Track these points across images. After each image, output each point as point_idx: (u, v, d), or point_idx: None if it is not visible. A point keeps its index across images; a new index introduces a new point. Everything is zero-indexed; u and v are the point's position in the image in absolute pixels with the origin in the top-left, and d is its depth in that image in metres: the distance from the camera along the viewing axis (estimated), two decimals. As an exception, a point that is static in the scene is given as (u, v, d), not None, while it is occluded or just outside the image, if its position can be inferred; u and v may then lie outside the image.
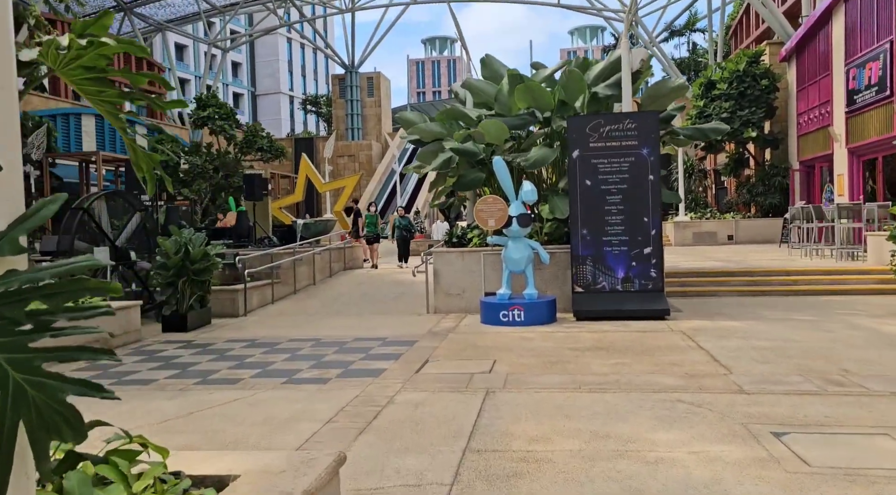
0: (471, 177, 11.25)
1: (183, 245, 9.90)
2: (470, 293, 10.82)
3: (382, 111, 49.01)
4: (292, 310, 11.94)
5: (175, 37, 64.01)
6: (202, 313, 10.25)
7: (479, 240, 11.02)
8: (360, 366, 7.08)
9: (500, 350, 7.66)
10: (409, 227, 18.53)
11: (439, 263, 10.91)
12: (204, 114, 24.85)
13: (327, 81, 75.66)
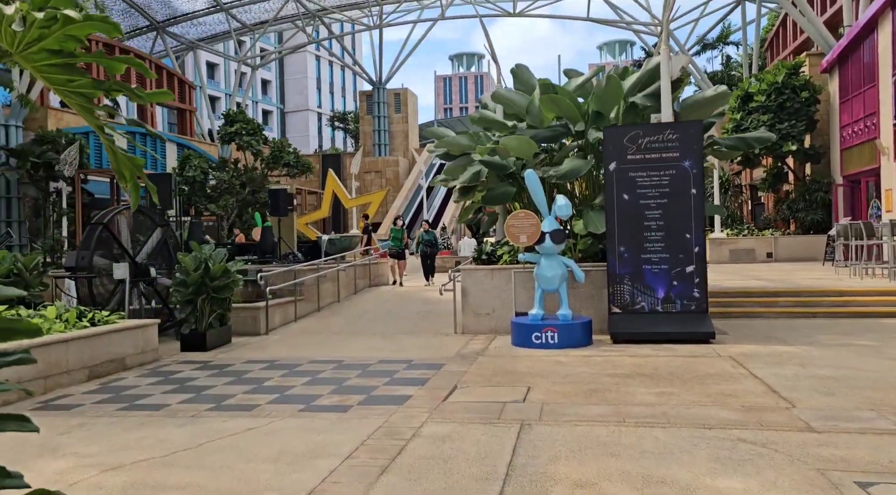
0: (500, 191, 10.78)
1: (203, 261, 9.57)
2: (500, 313, 10.31)
3: (409, 127, 48.94)
4: (315, 328, 11.53)
5: (207, 55, 64.99)
6: (222, 332, 9.88)
7: (509, 257, 10.52)
8: (384, 391, 6.60)
9: (534, 375, 7.13)
10: (433, 242, 17.48)
11: (467, 281, 10.43)
12: (231, 129, 24.83)
13: (355, 98, 76.14)
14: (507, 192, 10.78)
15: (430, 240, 17.40)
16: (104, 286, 9.74)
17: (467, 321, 10.45)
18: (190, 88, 42.94)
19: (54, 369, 6.99)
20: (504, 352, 8.73)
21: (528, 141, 9.91)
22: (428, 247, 17.26)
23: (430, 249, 17.36)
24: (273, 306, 11.44)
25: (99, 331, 7.69)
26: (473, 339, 9.86)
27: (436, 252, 17.75)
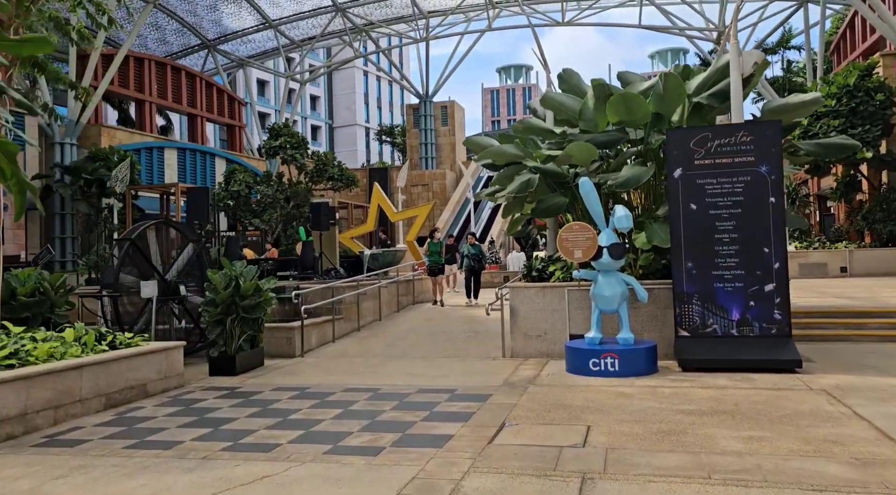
0: (552, 202, 9.90)
1: (233, 279, 8.97)
2: (552, 335, 9.40)
3: (457, 140, 48.35)
4: (353, 350, 10.82)
5: (257, 73, 66.08)
6: (253, 354, 9.25)
7: (562, 273, 9.62)
8: (422, 429, 5.79)
9: (594, 411, 6.21)
10: (479, 257, 15.66)
11: (517, 300, 9.57)
12: (276, 143, 24.62)
13: (402, 112, 76.24)
14: (559, 204, 9.90)
15: (476, 253, 15.65)
16: (133, 305, 9.24)
17: (516, 344, 9.58)
18: (239, 105, 43.39)
19: (66, 398, 6.43)
20: (558, 380, 7.82)
21: (590, 147, 9.02)
22: (473, 261, 15.56)
23: (476, 264, 15.59)
24: (309, 326, 10.79)
25: (118, 355, 7.12)
26: (523, 365, 8.97)
27: (482, 267, 15.96)
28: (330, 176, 25.14)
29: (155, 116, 36.69)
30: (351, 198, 43.85)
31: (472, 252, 15.53)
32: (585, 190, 8.31)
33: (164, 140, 35.97)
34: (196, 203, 12.75)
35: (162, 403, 7.18)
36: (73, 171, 26.55)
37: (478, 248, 15.81)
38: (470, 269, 15.53)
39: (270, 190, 24.20)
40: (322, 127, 76.79)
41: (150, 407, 7.03)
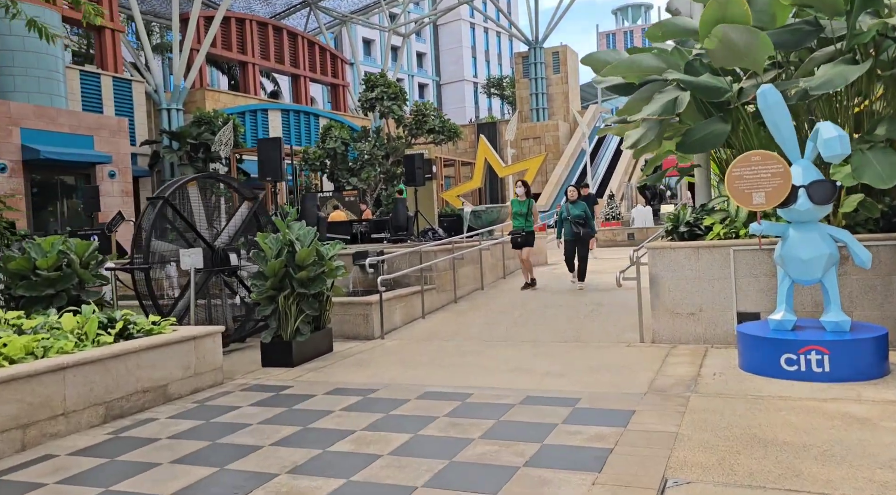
0: (708, 131, 7.15)
1: (286, 245, 7.04)
2: (711, 313, 6.80)
3: (570, 88, 44.77)
4: (445, 330, 8.70)
5: (362, 31, 64.88)
6: (317, 339, 7.35)
7: (724, 228, 6.92)
8: (523, 487, 3.53)
9: (818, 456, 3.69)
10: (583, 219, 10.74)
11: (659, 266, 7.01)
12: (372, 95, 22.71)
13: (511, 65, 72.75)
14: (717, 132, 7.12)
15: (580, 215, 10.71)
16: (168, 280, 7.60)
17: (660, 324, 7.05)
18: (343, 63, 42.06)
19: (41, 412, 4.73)
20: (732, 385, 5.28)
21: (763, 37, 6.19)
22: (576, 226, 10.68)
23: (580, 231, 10.68)
24: (391, 300, 8.77)
25: (122, 349, 5.36)
26: (672, 355, 6.46)
27: (590, 235, 10.98)
28: (430, 128, 23.01)
29: (258, 78, 36.06)
30: (459, 155, 41.78)
31: (573, 213, 10.76)
32: (769, 102, 5.55)
33: (268, 102, 35.30)
34: (266, 157, 11.02)
35: (180, 413, 5.37)
36: (179, 137, 26.17)
37: (581, 207, 10.83)
38: (573, 240, 10.85)
39: (368, 146, 22.45)
40: (429, 84, 74.77)
41: (162, 419, 5.23)
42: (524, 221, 10.86)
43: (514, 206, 11.07)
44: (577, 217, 10.71)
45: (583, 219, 10.73)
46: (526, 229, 10.83)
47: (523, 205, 10.98)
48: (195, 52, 29.16)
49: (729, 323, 6.72)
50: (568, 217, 10.78)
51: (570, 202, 10.98)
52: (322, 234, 11.25)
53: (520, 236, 10.88)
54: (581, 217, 10.73)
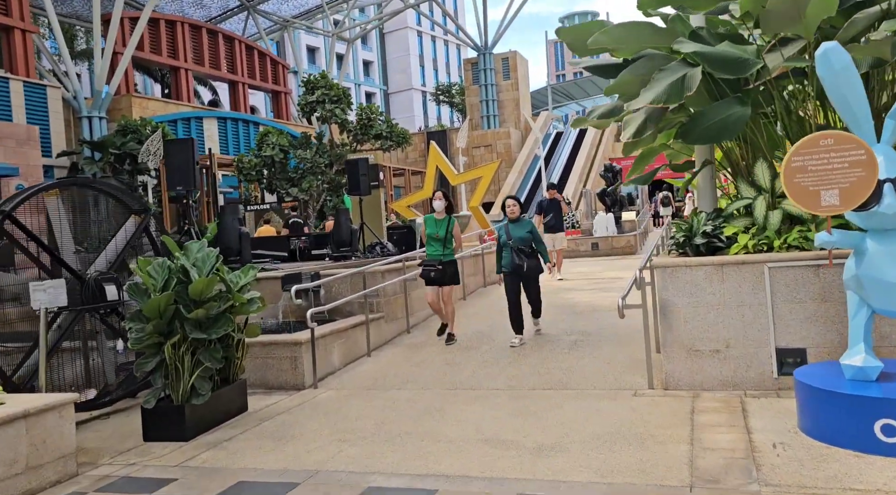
0: (723, 115, 5.61)
1: (177, 273, 5.17)
2: (741, 350, 5.22)
3: (521, 95, 43.63)
4: (396, 372, 6.90)
5: (306, 39, 62.73)
6: (223, 397, 5.48)
7: (753, 240, 5.37)
8: None
9: None
10: (526, 247, 7.51)
11: (671, 289, 5.40)
12: (312, 98, 20.82)
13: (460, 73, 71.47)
14: (735, 117, 5.58)
15: (523, 239, 7.52)
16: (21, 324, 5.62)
17: (674, 365, 5.43)
18: (284, 69, 39.92)
19: None
20: (810, 466, 3.66)
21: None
22: (519, 255, 7.46)
23: (526, 261, 7.47)
24: (327, 336, 6.94)
25: None
26: (700, 409, 4.83)
27: (537, 269, 7.65)
28: (377, 133, 21.24)
29: (192, 84, 33.67)
30: (409, 164, 40.10)
31: (514, 236, 7.54)
32: (834, 67, 4.00)
33: (202, 109, 32.87)
34: (176, 162, 9.09)
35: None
36: (101, 146, 23.69)
37: (527, 227, 7.65)
38: (514, 274, 7.53)
39: (309, 153, 20.54)
40: (377, 93, 72.92)
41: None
42: (441, 248, 7.71)
43: (427, 226, 7.83)
44: (520, 241, 7.46)
45: (528, 245, 7.48)
46: (444, 258, 7.69)
47: (440, 224, 7.75)
48: (120, 55, 26.74)
49: (765, 362, 5.16)
50: (508, 241, 7.51)
51: (511, 220, 7.67)
52: (246, 254, 9.34)
53: (434, 269, 7.61)
54: (525, 241, 7.48)
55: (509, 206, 7.81)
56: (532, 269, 7.51)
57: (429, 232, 7.81)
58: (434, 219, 7.90)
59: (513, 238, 7.54)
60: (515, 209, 7.77)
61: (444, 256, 7.72)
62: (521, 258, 7.42)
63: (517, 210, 7.79)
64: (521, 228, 7.61)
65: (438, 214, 7.87)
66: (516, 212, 7.77)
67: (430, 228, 7.81)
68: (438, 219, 7.86)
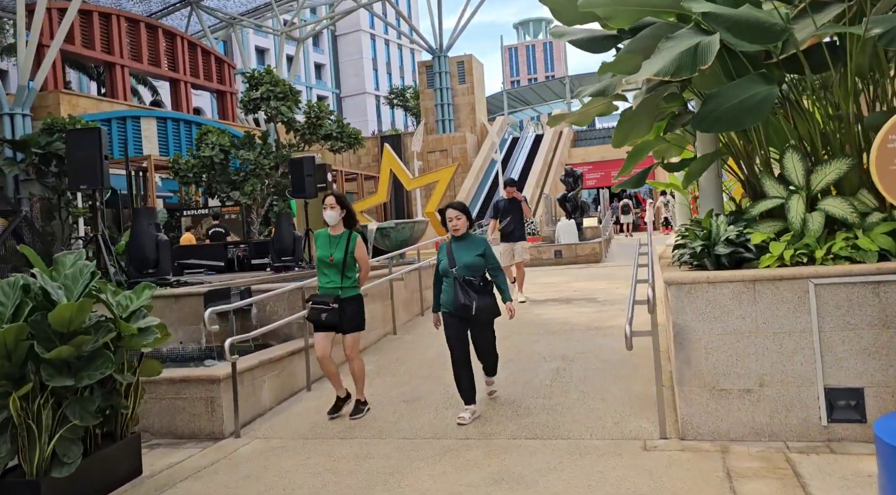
0: (745, 95, 4.53)
1: (35, 297, 3.78)
2: (779, 390, 4.11)
3: (476, 99, 42.71)
4: (337, 419, 5.60)
5: (256, 39, 60.67)
6: (105, 462, 4.10)
7: (789, 249, 4.27)
8: None
9: None
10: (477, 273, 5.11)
11: (688, 311, 4.27)
12: (256, 94, 19.31)
13: (414, 77, 70.42)
14: (760, 97, 4.50)
15: (472, 266, 5.09)
16: None
17: (692, 408, 4.28)
18: (230, 68, 38.08)
19: None
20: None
21: None
22: (467, 288, 5.02)
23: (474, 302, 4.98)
24: (255, 369, 5.59)
25: None
26: (737, 474, 3.67)
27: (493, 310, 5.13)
28: (327, 133, 19.86)
29: (128, 81, 31.59)
30: (363, 169, 38.68)
31: (460, 262, 5.10)
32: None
33: (140, 108, 30.82)
34: (80, 156, 7.60)
35: None
36: (23, 146, 21.60)
37: (479, 246, 5.21)
38: (458, 316, 5.08)
39: (253, 154, 19.01)
40: (329, 96, 71.19)
41: None
42: (338, 278, 5.33)
43: (318, 246, 5.48)
44: (467, 270, 5.05)
45: (479, 275, 5.10)
46: (343, 293, 5.31)
47: (336, 243, 5.37)
48: (46, 48, 24.69)
49: (811, 406, 4.06)
50: (451, 269, 5.09)
51: (456, 238, 5.24)
52: (164, 265, 7.88)
53: (324, 309, 5.25)
54: (475, 269, 5.08)
55: (452, 219, 5.22)
56: (485, 310, 5.02)
57: (320, 254, 5.39)
58: (327, 235, 5.44)
59: (457, 264, 5.05)
60: (461, 223, 5.21)
61: (342, 290, 5.32)
62: (470, 294, 4.97)
63: (463, 224, 5.22)
64: (470, 250, 5.13)
65: (333, 229, 5.44)
66: (461, 227, 5.21)
67: (321, 249, 5.40)
68: (333, 235, 5.42)
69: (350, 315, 5.35)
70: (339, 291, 5.34)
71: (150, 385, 5.11)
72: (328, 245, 5.40)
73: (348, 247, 5.36)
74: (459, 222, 5.26)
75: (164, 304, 7.20)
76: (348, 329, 5.37)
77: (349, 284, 5.40)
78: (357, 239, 5.45)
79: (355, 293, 5.45)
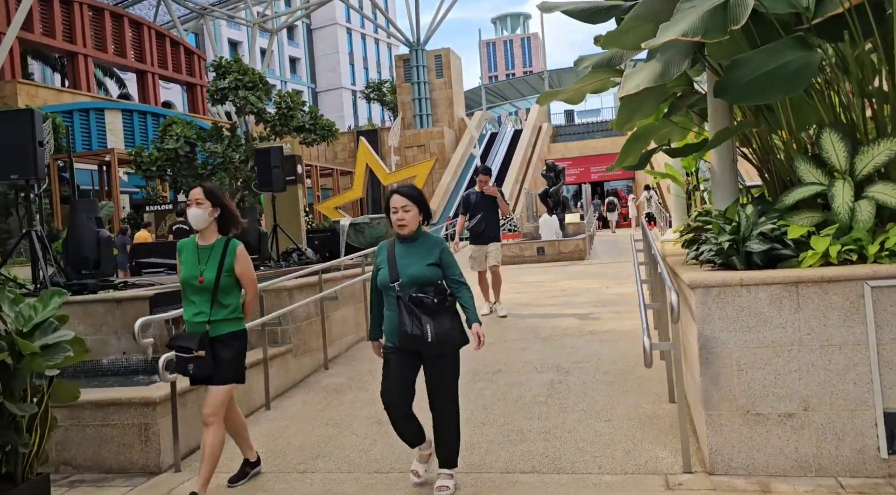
0: (781, 63, 3.84)
1: None
2: (828, 415, 3.42)
3: (454, 93, 41.98)
4: (303, 441, 4.79)
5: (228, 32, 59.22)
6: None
7: (835, 245, 3.58)
8: None
9: None
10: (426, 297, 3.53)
11: (716, 320, 3.55)
12: (223, 84, 18.34)
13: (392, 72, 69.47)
14: (799, 63, 3.81)
15: (420, 277, 3.59)
16: None
17: (721, 436, 3.56)
18: (201, 60, 36.89)
19: None
20: None
21: None
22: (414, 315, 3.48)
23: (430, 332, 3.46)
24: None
25: None
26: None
27: (458, 340, 3.57)
28: (299, 125, 18.96)
29: (92, 72, 30.30)
30: (339, 164, 37.71)
31: (407, 276, 3.58)
32: None
33: (104, 100, 29.53)
34: (8, 142, 6.70)
35: None
36: (-25, 139, 20.40)
37: (430, 254, 3.67)
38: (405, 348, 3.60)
39: (221, 147, 18.05)
40: (305, 91, 69.89)
41: None
42: (207, 307, 3.74)
43: (182, 260, 3.84)
44: (414, 283, 3.59)
45: (433, 290, 3.60)
46: (216, 330, 3.75)
47: (209, 254, 3.78)
48: (2, 36, 23.47)
49: (867, 434, 3.37)
50: (392, 284, 3.61)
51: (402, 238, 3.73)
52: (106, 265, 7.00)
53: (187, 358, 3.69)
54: (426, 281, 3.61)
55: (396, 210, 3.66)
56: (446, 339, 3.50)
57: (184, 275, 3.77)
58: (195, 246, 3.82)
59: (402, 276, 3.58)
60: (409, 217, 3.65)
61: (212, 325, 3.73)
62: (420, 318, 3.47)
63: (412, 219, 3.66)
64: (421, 255, 3.64)
65: (203, 236, 3.83)
66: (410, 222, 3.65)
67: (186, 267, 3.77)
68: (203, 245, 3.80)
69: (224, 360, 3.71)
70: (208, 324, 3.70)
71: (72, 409, 4.28)
72: (195, 259, 3.76)
73: (223, 262, 3.73)
74: (407, 215, 3.63)
75: (105, 310, 6.35)
76: (218, 379, 3.72)
77: (224, 316, 3.75)
78: (237, 249, 3.81)
79: (234, 329, 3.79)
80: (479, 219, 8.26)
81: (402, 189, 3.73)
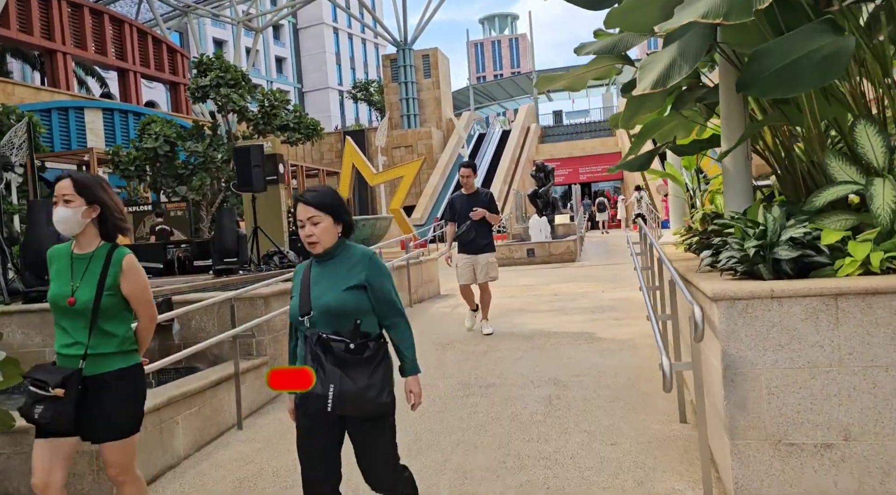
0: (810, 50, 3.45)
1: None
2: (872, 444, 3.00)
3: (442, 93, 41.57)
4: (277, 466, 4.32)
5: (213, 31, 58.51)
6: None
7: (877, 251, 3.17)
8: None
9: None
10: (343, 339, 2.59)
11: (743, 337, 3.13)
12: (204, 81, 17.79)
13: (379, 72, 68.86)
14: (831, 50, 3.41)
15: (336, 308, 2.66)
16: None
17: (747, 468, 3.14)
18: (184, 58, 36.19)
19: None
20: None
21: None
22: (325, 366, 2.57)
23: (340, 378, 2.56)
24: (167, 407, 4.29)
25: None
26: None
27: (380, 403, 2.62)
28: (283, 124, 18.44)
29: (71, 69, 29.58)
30: (325, 165, 37.18)
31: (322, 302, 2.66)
32: None
33: (83, 98, 28.82)
34: None
35: None
36: (-52, 137, 19.72)
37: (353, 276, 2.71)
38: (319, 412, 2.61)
39: (202, 146, 17.50)
40: (291, 91, 69.23)
41: None
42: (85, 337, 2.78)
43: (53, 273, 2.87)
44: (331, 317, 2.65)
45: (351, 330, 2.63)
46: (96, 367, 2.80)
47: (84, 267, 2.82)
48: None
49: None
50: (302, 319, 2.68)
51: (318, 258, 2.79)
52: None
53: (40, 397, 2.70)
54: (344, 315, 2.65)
55: (303, 222, 2.72)
56: (354, 401, 2.58)
57: (53, 293, 2.83)
58: (69, 255, 2.90)
59: (314, 308, 2.67)
60: (319, 230, 2.72)
61: (89, 360, 2.80)
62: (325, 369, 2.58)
63: (325, 232, 2.73)
64: (339, 276, 2.74)
65: (79, 243, 2.90)
66: (322, 236, 2.73)
67: (56, 283, 2.84)
68: (79, 254, 2.88)
69: (107, 407, 2.81)
70: (81, 359, 2.77)
71: (13, 436, 3.79)
72: (68, 273, 2.85)
73: (105, 278, 2.82)
74: (317, 228, 2.71)
75: (64, 319, 5.83)
76: (105, 435, 2.83)
77: (108, 349, 2.83)
78: (124, 261, 2.87)
79: (122, 364, 2.87)
80: (469, 227, 7.26)
81: (309, 195, 2.75)
